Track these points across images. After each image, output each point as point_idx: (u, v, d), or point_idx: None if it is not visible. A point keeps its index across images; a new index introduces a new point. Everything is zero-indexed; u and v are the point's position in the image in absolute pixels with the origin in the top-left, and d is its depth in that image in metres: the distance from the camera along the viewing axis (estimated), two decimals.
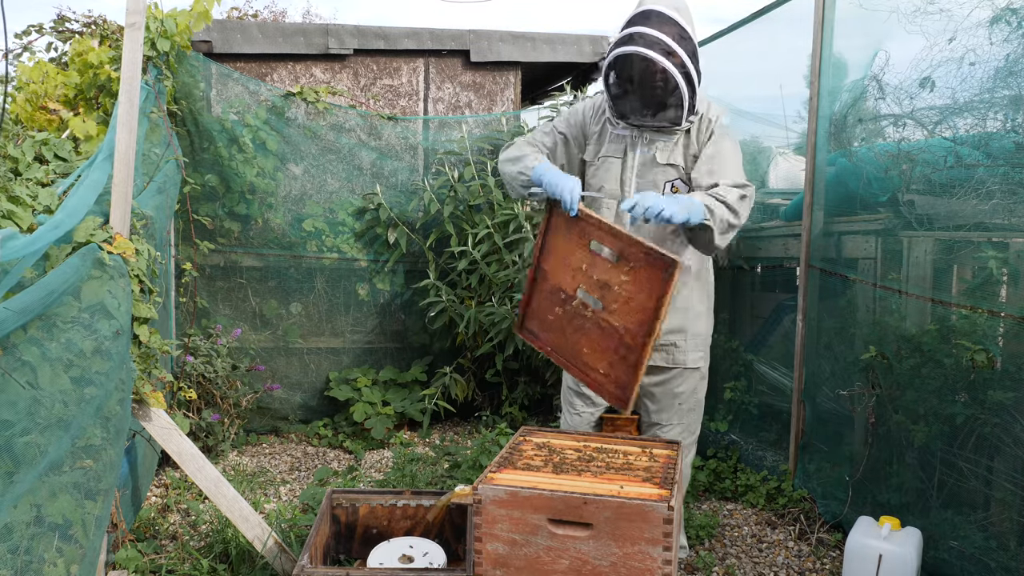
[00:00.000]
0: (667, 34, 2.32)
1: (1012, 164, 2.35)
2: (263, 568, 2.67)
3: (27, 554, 1.57)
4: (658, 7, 2.37)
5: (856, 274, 3.11)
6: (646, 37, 2.33)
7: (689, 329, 2.67)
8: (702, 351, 2.72)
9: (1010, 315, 2.39)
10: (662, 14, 2.35)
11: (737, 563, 2.94)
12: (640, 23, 2.36)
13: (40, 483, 1.66)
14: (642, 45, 2.32)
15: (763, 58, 4.02)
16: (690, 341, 2.67)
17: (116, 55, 3.77)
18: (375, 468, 3.98)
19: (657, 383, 2.70)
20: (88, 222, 2.19)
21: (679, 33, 2.34)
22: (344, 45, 4.79)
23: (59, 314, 1.84)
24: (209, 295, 4.45)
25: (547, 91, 6.37)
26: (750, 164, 4.61)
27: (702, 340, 2.71)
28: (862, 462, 2.96)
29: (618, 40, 2.40)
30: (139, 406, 2.44)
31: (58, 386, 1.76)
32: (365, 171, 4.66)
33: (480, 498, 2.02)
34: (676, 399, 2.70)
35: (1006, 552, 2.40)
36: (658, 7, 2.37)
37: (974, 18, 2.41)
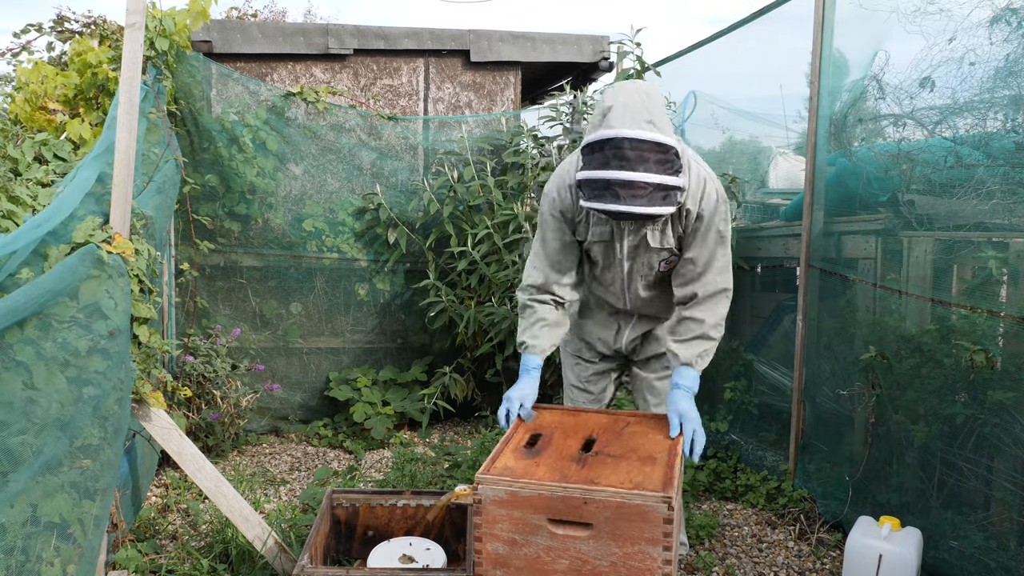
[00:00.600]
0: (653, 170, 2.03)
1: (1012, 164, 2.35)
2: (263, 568, 2.67)
3: (23, 553, 1.57)
4: (629, 131, 2.02)
5: (856, 274, 3.11)
6: (633, 188, 2.03)
7: None
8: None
9: (1010, 315, 2.38)
10: (640, 144, 2.02)
11: (737, 563, 2.94)
12: (617, 165, 2.04)
13: (36, 482, 1.66)
14: (631, 204, 2.05)
15: (763, 58, 4.02)
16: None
17: (116, 55, 3.77)
18: (375, 468, 3.98)
19: (660, 377, 2.70)
20: (87, 222, 2.19)
21: (661, 156, 2.04)
22: (344, 45, 4.79)
23: (55, 314, 1.84)
24: (209, 295, 4.45)
25: (547, 91, 6.37)
26: (750, 164, 4.61)
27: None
28: (862, 462, 2.96)
29: (593, 185, 2.09)
30: (139, 406, 2.44)
31: (54, 386, 1.76)
32: (365, 171, 4.66)
33: (480, 498, 2.02)
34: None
35: (1006, 552, 2.40)
36: (629, 131, 2.02)
37: (974, 18, 2.41)
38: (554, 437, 2.28)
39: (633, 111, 2.05)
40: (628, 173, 2.03)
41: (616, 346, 2.75)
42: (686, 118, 4.75)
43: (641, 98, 2.08)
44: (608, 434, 2.30)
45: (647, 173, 2.02)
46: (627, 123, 2.03)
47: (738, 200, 4.01)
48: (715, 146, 4.84)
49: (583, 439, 2.26)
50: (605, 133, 2.05)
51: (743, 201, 4.20)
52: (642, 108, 2.05)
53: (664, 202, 2.09)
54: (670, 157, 2.05)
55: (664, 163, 2.04)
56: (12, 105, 3.86)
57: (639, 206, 2.05)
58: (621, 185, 2.04)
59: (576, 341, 2.83)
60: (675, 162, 2.08)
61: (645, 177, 2.02)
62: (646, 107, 2.06)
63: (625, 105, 2.06)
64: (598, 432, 2.31)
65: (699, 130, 4.78)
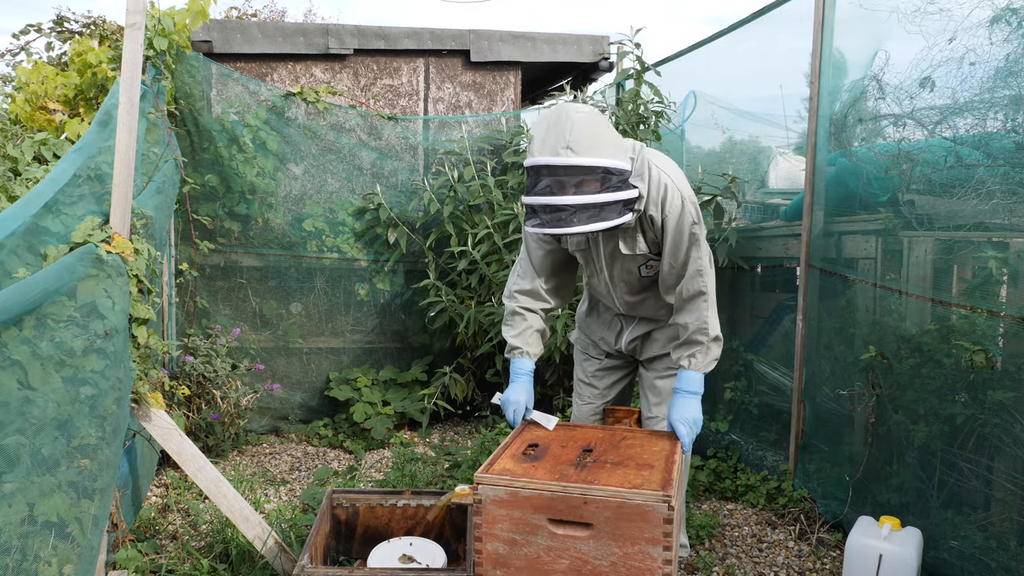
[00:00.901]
0: (572, 193, 2.10)
1: (1012, 164, 2.35)
2: (263, 568, 2.67)
3: (20, 553, 1.57)
4: (545, 159, 2.08)
5: (856, 274, 3.11)
6: (554, 211, 2.11)
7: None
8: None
9: (1010, 315, 2.38)
10: (556, 170, 2.08)
11: (737, 563, 2.94)
12: (539, 191, 2.11)
13: (33, 482, 1.65)
14: (557, 226, 2.12)
15: (763, 58, 4.02)
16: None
17: (116, 55, 3.77)
18: (375, 468, 3.98)
19: (661, 377, 2.72)
20: (87, 222, 2.19)
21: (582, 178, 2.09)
22: (344, 45, 4.79)
23: (52, 313, 1.83)
24: (209, 295, 4.45)
25: (547, 91, 6.37)
26: (750, 164, 4.61)
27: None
28: (862, 462, 2.96)
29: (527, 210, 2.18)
30: (138, 406, 2.44)
31: (50, 385, 1.76)
32: (365, 171, 4.66)
33: (480, 498, 2.02)
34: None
35: (1006, 552, 2.40)
36: (545, 159, 2.08)
37: (974, 18, 2.41)
38: (552, 447, 2.28)
39: (552, 138, 2.10)
40: (547, 198, 2.10)
41: (617, 346, 2.77)
42: (686, 118, 4.75)
43: (562, 123, 2.10)
44: (605, 444, 2.30)
45: (565, 196, 2.09)
46: (545, 151, 2.10)
47: (738, 200, 4.00)
48: (715, 146, 4.84)
49: (580, 448, 2.26)
50: (528, 161, 2.15)
51: (743, 201, 4.20)
52: (560, 135, 2.09)
53: (597, 219, 2.14)
54: (595, 177, 2.10)
55: (587, 184, 2.10)
56: (12, 105, 3.87)
57: (565, 227, 2.12)
58: (543, 209, 2.13)
59: (584, 338, 2.89)
60: (607, 179, 2.12)
61: (564, 200, 2.09)
62: (564, 133, 2.08)
63: (545, 132, 2.12)
64: (595, 443, 2.31)
65: (699, 130, 4.78)
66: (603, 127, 2.16)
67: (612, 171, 2.13)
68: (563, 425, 2.54)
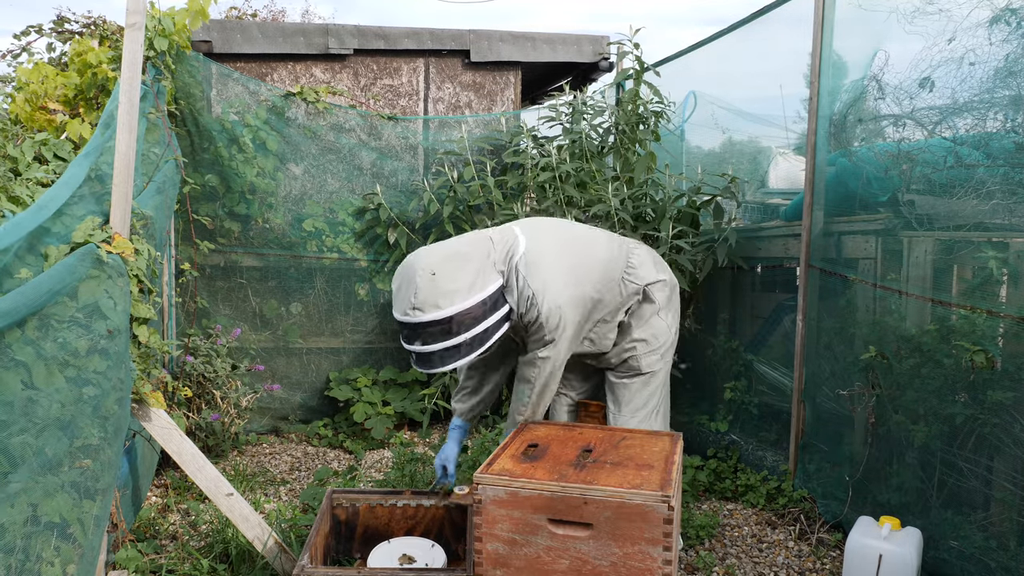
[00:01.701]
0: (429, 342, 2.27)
1: (1012, 164, 2.35)
2: (263, 568, 2.67)
3: (23, 553, 1.57)
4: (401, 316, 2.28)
5: (856, 274, 3.11)
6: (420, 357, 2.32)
7: (649, 340, 2.80)
8: (658, 355, 2.82)
9: (1010, 315, 2.38)
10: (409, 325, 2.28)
11: (737, 563, 2.94)
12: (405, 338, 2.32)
13: (36, 482, 1.66)
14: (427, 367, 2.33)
15: (763, 58, 4.02)
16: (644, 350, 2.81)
17: (116, 55, 3.77)
18: (375, 468, 3.98)
19: (619, 377, 2.84)
20: (87, 222, 2.19)
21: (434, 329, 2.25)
22: (344, 45, 4.79)
23: (54, 314, 1.84)
24: (209, 295, 4.45)
25: (547, 91, 6.37)
26: (750, 164, 4.61)
27: (661, 348, 2.83)
28: (862, 462, 2.96)
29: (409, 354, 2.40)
30: (139, 406, 2.44)
31: (54, 385, 1.76)
32: (365, 171, 4.66)
33: (480, 498, 2.02)
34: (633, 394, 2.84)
35: (1006, 552, 2.40)
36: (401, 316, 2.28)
37: (974, 18, 2.41)
38: (551, 447, 2.28)
39: (401, 298, 2.29)
40: (415, 347, 2.31)
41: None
42: (686, 118, 4.75)
43: (406, 285, 2.27)
44: (605, 445, 2.31)
45: (424, 345, 2.28)
46: (398, 311, 2.30)
47: (738, 200, 4.01)
48: (715, 146, 4.84)
49: (580, 448, 2.26)
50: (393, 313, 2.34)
51: (743, 201, 4.20)
52: (405, 298, 2.27)
53: (470, 350, 2.31)
54: (443, 327, 2.25)
55: (447, 329, 2.26)
56: (12, 105, 3.87)
57: (443, 365, 2.31)
58: (417, 357, 2.34)
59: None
60: (466, 317, 2.27)
61: (423, 348, 2.28)
62: (408, 296, 2.25)
63: (396, 291, 2.32)
64: (595, 443, 2.32)
65: (699, 130, 4.78)
66: (456, 266, 2.28)
67: (470, 309, 2.27)
68: (563, 425, 2.55)
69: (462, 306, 2.26)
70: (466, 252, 2.33)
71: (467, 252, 2.33)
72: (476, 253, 2.35)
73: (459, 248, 2.35)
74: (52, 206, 2.14)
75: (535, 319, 2.41)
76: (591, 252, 2.63)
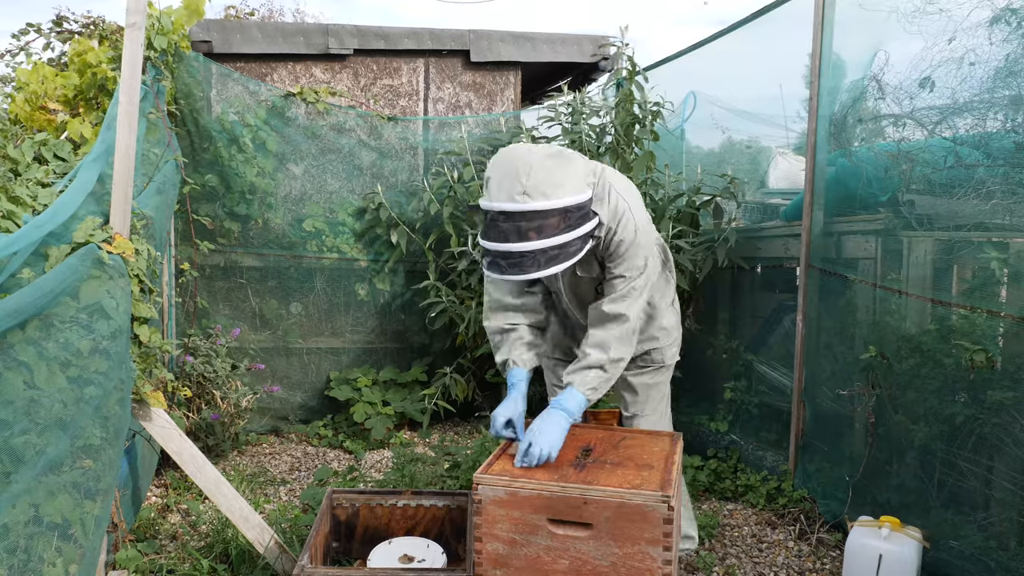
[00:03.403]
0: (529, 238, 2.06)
1: (1012, 164, 2.35)
2: (263, 568, 2.67)
3: (25, 553, 1.57)
4: (501, 204, 2.05)
5: (856, 274, 3.11)
6: (511, 258, 2.08)
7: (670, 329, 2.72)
8: (677, 347, 2.76)
9: (1010, 315, 2.39)
10: (512, 215, 2.05)
11: (737, 563, 2.94)
12: (495, 237, 2.08)
13: (38, 483, 1.66)
14: (514, 272, 2.09)
15: (763, 58, 4.03)
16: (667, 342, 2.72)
17: (115, 55, 3.77)
18: (375, 468, 3.98)
19: (634, 374, 2.72)
20: (88, 222, 2.19)
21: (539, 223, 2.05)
22: (344, 45, 4.79)
23: (57, 314, 1.84)
24: (209, 295, 4.45)
25: (547, 91, 6.37)
26: (750, 164, 4.61)
27: (675, 339, 2.76)
28: (862, 462, 2.96)
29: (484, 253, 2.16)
30: (139, 406, 2.44)
31: (56, 385, 1.76)
32: (365, 171, 4.66)
33: (480, 498, 2.02)
34: (651, 390, 2.74)
35: (1006, 552, 2.40)
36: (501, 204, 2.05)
37: (974, 18, 2.41)
38: None
39: (508, 183, 2.06)
40: (507, 245, 2.06)
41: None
42: (686, 118, 4.75)
43: (516, 167, 2.07)
44: (605, 445, 2.30)
45: (524, 243, 2.05)
46: (501, 196, 2.06)
47: (738, 200, 4.01)
48: (715, 146, 4.85)
49: (580, 449, 2.26)
50: (484, 204, 2.12)
51: (743, 201, 4.20)
52: (515, 179, 2.05)
53: (558, 260, 2.10)
54: (554, 219, 2.06)
55: (546, 227, 2.06)
56: (12, 105, 3.86)
57: (526, 272, 2.08)
58: (501, 255, 2.09)
59: (550, 346, 2.86)
60: (566, 218, 2.09)
61: (523, 247, 2.05)
62: (521, 178, 2.05)
63: (501, 177, 2.09)
64: (595, 443, 2.31)
65: (699, 130, 4.79)
66: (561, 162, 2.12)
67: (571, 209, 2.10)
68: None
69: (572, 199, 2.08)
70: (568, 153, 2.16)
71: (569, 153, 2.16)
72: (575, 156, 2.18)
73: (559, 149, 2.17)
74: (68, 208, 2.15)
75: (624, 239, 2.24)
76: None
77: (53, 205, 2.12)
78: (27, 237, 1.90)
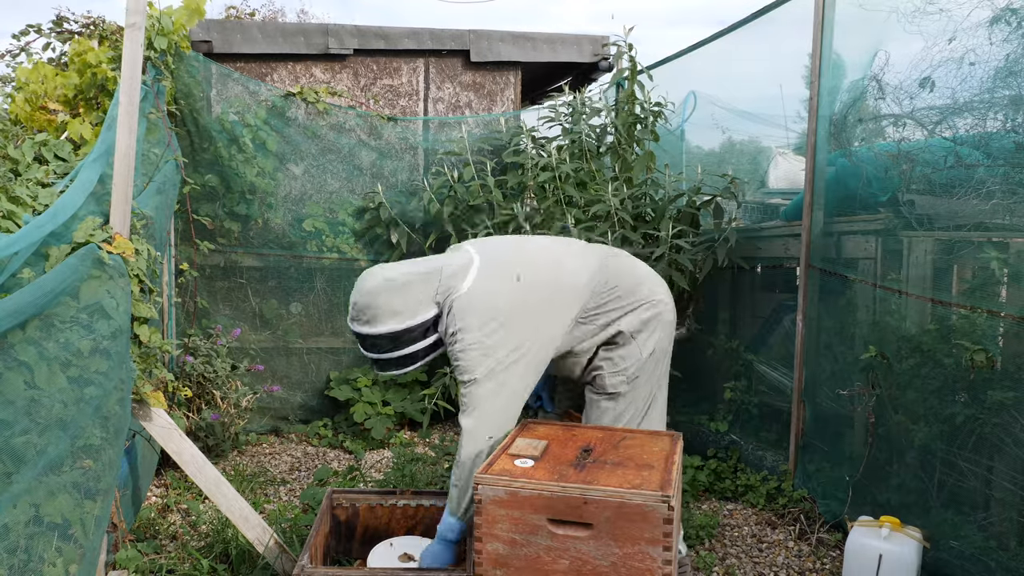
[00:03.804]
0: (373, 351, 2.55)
1: (1012, 164, 2.35)
2: (263, 568, 2.67)
3: (25, 553, 1.57)
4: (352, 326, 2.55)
5: (856, 274, 3.11)
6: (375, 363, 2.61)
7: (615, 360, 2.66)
8: (623, 377, 2.65)
9: (1010, 315, 2.39)
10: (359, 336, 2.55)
11: (737, 563, 2.94)
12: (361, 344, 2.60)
13: (38, 483, 1.66)
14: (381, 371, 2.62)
15: (763, 58, 4.03)
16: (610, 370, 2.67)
17: (115, 55, 3.77)
18: (375, 468, 3.98)
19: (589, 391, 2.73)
20: (88, 222, 2.19)
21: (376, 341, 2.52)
22: (344, 45, 4.79)
23: (57, 314, 1.84)
24: (209, 295, 4.45)
25: (547, 91, 6.37)
26: (750, 164, 4.62)
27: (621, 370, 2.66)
28: (862, 462, 2.96)
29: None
30: (139, 406, 2.44)
31: (56, 385, 1.76)
32: (365, 171, 4.66)
33: (480, 498, 2.02)
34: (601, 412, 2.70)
35: (1006, 552, 2.40)
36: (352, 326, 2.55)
37: (974, 18, 2.41)
38: (551, 446, 2.28)
39: (352, 309, 2.54)
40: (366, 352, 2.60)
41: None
42: (686, 118, 4.75)
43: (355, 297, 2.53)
44: (605, 445, 2.30)
45: (370, 353, 2.57)
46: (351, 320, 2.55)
47: (738, 200, 4.01)
48: (715, 146, 4.85)
49: (580, 449, 2.26)
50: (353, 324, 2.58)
51: (743, 201, 4.20)
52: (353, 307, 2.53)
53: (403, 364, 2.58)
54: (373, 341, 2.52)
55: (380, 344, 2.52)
56: (12, 105, 3.87)
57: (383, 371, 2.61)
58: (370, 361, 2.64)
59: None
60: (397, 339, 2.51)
61: (371, 355, 2.58)
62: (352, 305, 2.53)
63: (351, 301, 2.55)
64: (595, 443, 2.31)
65: (699, 130, 4.79)
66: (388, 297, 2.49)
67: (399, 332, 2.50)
68: (563, 425, 2.54)
69: (399, 326, 2.49)
70: (408, 282, 2.52)
71: (409, 282, 2.52)
72: (418, 283, 2.53)
73: (404, 277, 2.53)
74: (69, 209, 2.15)
75: (454, 351, 2.48)
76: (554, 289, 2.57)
77: (54, 205, 2.12)
78: (28, 237, 1.90)
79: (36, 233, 1.93)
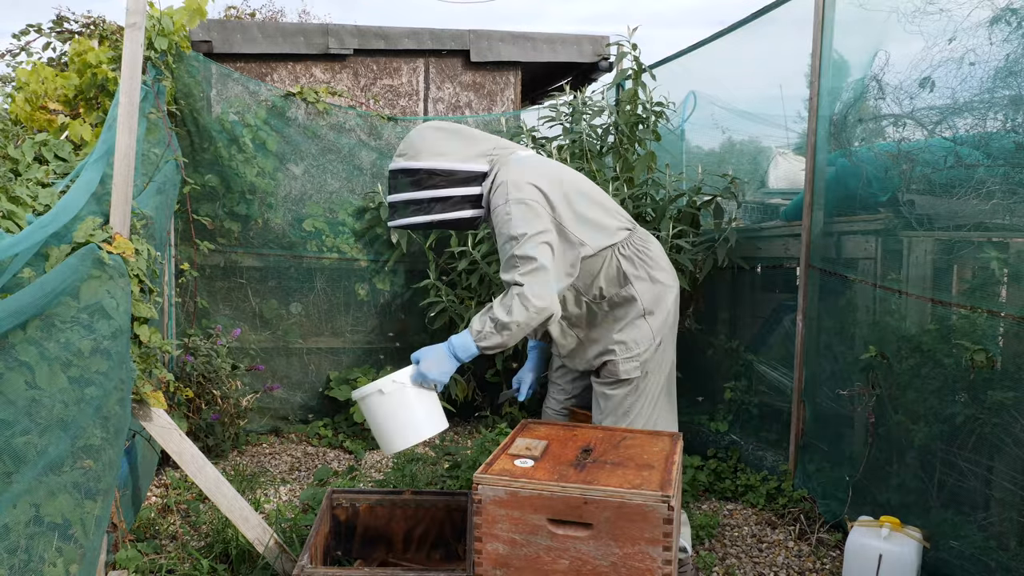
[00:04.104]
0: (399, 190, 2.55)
1: (1012, 164, 2.35)
2: (263, 568, 2.67)
3: (26, 553, 1.57)
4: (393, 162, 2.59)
5: (856, 274, 3.11)
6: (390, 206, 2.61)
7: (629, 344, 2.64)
8: (637, 362, 2.63)
9: (1010, 315, 2.39)
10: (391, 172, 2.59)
11: (737, 563, 2.94)
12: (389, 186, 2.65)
13: (39, 483, 1.66)
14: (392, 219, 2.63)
15: (763, 58, 4.02)
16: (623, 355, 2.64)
17: (116, 55, 3.77)
18: (375, 468, 3.98)
19: (599, 383, 2.71)
20: (88, 222, 2.19)
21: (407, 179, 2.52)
22: (344, 45, 4.80)
23: (57, 314, 1.84)
24: (209, 295, 4.45)
25: (547, 91, 6.37)
26: (750, 164, 4.61)
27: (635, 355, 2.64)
28: (862, 462, 2.96)
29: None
30: (139, 406, 2.44)
31: (57, 385, 1.76)
32: (365, 171, 4.66)
33: (480, 498, 2.02)
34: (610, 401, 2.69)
35: (1006, 552, 2.40)
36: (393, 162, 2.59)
37: (974, 18, 2.42)
38: (551, 446, 2.28)
39: (401, 148, 2.58)
40: (390, 197, 2.62)
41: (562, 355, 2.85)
42: (686, 118, 4.75)
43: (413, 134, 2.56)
44: (605, 445, 2.30)
45: (391, 193, 2.59)
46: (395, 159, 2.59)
47: (738, 200, 4.01)
48: (715, 146, 4.84)
49: (580, 448, 2.26)
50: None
51: (743, 201, 4.20)
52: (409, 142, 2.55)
53: (419, 212, 2.54)
54: (418, 177, 2.51)
55: (410, 183, 2.52)
56: (12, 105, 3.87)
57: (394, 218, 2.60)
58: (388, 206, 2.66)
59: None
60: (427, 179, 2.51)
61: (394, 197, 2.58)
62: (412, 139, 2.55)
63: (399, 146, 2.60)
64: (595, 443, 2.31)
65: (699, 130, 4.79)
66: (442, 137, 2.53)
67: (437, 172, 2.50)
68: (563, 425, 2.55)
69: (431, 165, 2.48)
70: (463, 131, 2.55)
71: (465, 132, 2.56)
72: (473, 136, 2.55)
73: (460, 127, 2.58)
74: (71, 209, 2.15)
75: (498, 207, 2.43)
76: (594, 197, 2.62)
77: (57, 205, 2.12)
78: (31, 238, 1.90)
79: (38, 234, 1.94)
